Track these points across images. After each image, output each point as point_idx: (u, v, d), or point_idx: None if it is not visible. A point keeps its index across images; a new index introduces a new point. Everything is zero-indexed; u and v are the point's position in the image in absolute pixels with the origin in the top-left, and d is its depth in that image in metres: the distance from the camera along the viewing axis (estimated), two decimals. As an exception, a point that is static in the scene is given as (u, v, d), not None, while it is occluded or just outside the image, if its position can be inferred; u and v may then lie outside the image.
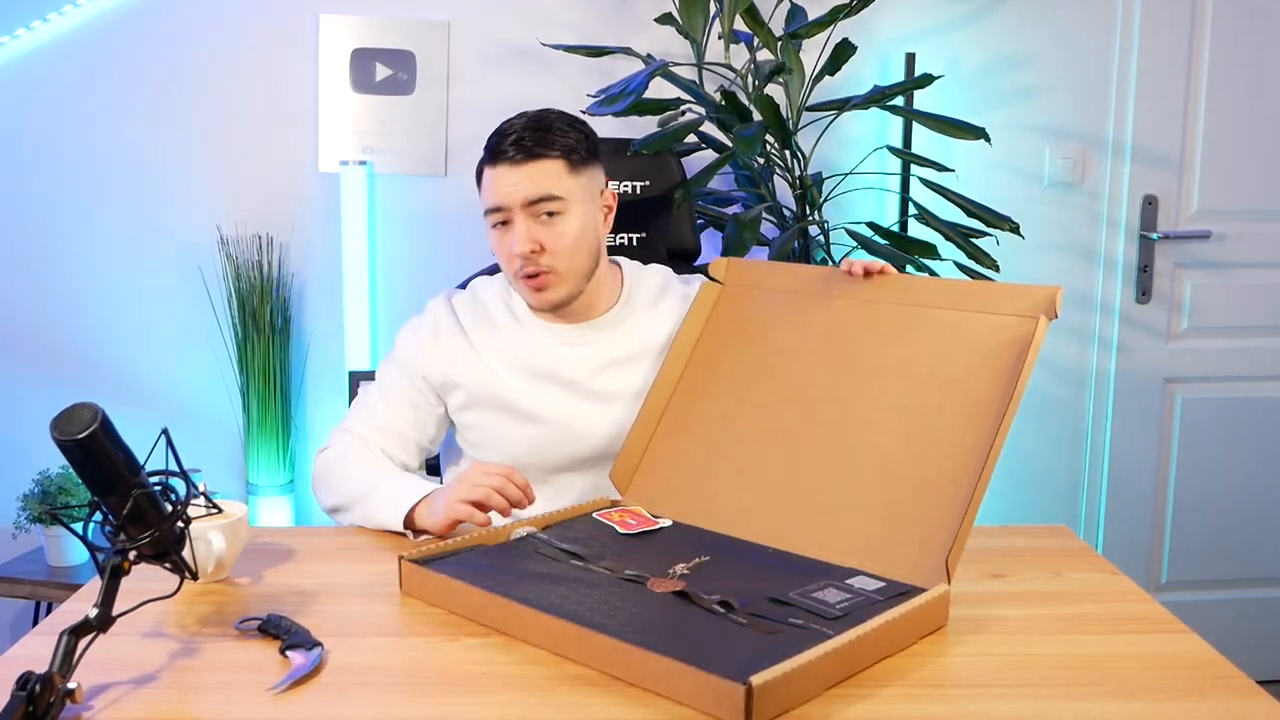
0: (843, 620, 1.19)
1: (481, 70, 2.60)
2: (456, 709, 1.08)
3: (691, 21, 2.28)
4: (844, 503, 1.42)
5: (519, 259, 1.64)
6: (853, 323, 1.55)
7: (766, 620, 1.19)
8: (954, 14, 2.67)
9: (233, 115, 2.58)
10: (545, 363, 1.70)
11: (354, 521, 1.62)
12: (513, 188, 1.63)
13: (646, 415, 1.63)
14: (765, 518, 1.46)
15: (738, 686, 1.02)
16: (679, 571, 1.34)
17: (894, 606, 1.21)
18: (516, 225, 1.63)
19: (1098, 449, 2.85)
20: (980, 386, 1.40)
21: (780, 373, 1.56)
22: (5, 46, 2.51)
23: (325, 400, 2.67)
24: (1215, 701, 1.10)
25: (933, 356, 1.46)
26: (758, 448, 1.52)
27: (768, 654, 1.09)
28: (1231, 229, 2.78)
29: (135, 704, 1.08)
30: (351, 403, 1.80)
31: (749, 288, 1.67)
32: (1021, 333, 1.40)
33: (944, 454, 1.38)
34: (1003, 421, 1.34)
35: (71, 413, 1.07)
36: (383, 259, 2.64)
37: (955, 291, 1.50)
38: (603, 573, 1.33)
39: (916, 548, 1.33)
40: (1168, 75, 2.71)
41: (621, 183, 2.18)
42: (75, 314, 2.62)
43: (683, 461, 1.58)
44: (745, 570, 1.35)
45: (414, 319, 1.77)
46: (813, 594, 1.26)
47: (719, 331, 1.65)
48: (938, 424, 1.41)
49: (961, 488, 1.34)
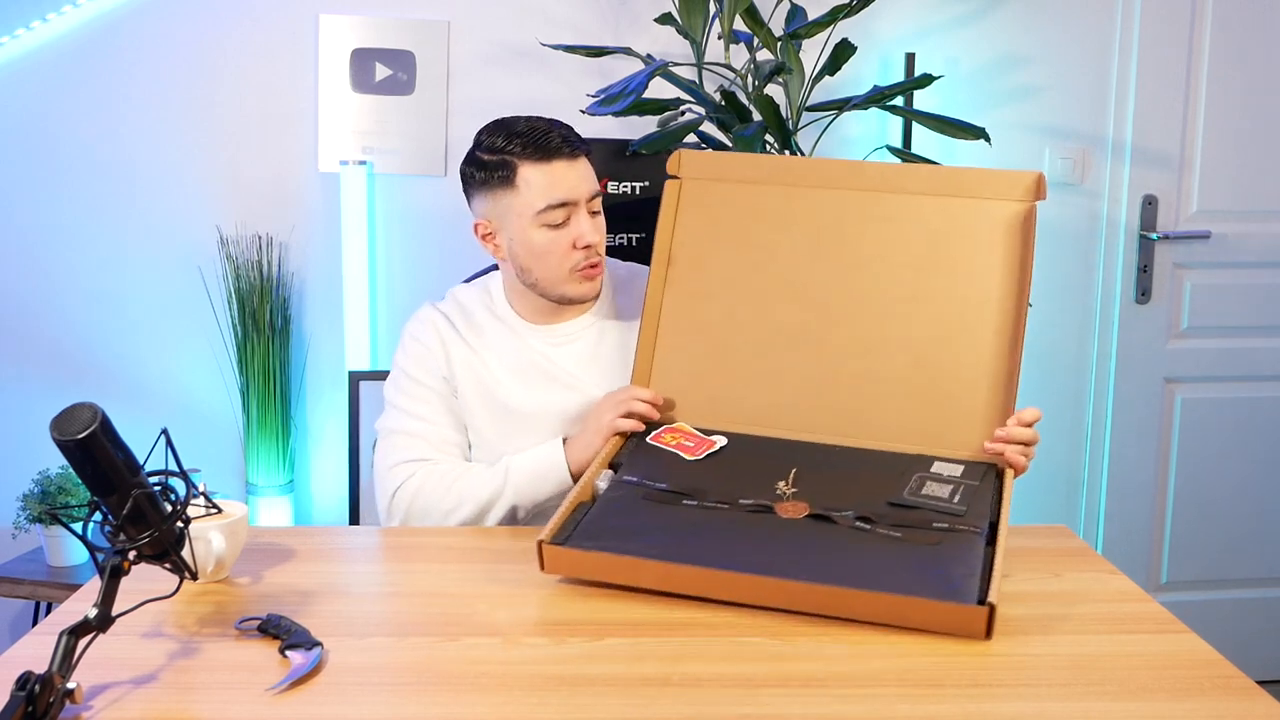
0: (969, 513, 1.34)
1: (481, 70, 2.60)
2: (456, 709, 1.08)
3: (691, 21, 2.28)
4: (884, 393, 1.49)
5: (584, 251, 1.66)
6: (838, 212, 1.57)
7: (915, 529, 1.32)
8: (954, 14, 2.67)
9: (233, 115, 2.58)
10: (538, 362, 1.72)
11: (497, 520, 1.62)
12: (578, 181, 1.65)
13: (646, 325, 1.62)
14: (806, 416, 1.51)
15: (980, 610, 1.19)
16: (787, 492, 1.39)
17: (992, 480, 1.40)
18: (582, 218, 1.65)
19: (1098, 449, 2.85)
20: (986, 273, 1.49)
21: (774, 268, 1.58)
22: (5, 46, 2.51)
23: (325, 400, 2.67)
24: (1215, 701, 1.10)
25: (929, 244, 1.52)
26: (776, 346, 1.55)
27: (960, 566, 1.25)
28: (1231, 229, 2.78)
29: (135, 704, 1.08)
30: (378, 448, 1.72)
31: (712, 181, 1.65)
32: (1015, 217, 1.48)
33: (971, 339, 1.48)
34: (1020, 306, 1.44)
35: (71, 413, 1.07)
36: (383, 259, 2.64)
37: (933, 177, 1.55)
38: (721, 508, 1.38)
39: (967, 426, 1.45)
40: (1168, 75, 2.71)
41: (621, 183, 2.18)
42: (75, 314, 2.62)
43: (698, 368, 1.59)
44: (838, 477, 1.42)
45: (410, 334, 1.75)
46: (921, 492, 1.37)
47: (694, 230, 1.64)
48: (956, 311, 1.49)
49: (999, 366, 1.46)
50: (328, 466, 2.69)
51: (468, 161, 1.70)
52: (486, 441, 1.71)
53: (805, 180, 1.59)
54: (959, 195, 1.51)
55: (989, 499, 1.39)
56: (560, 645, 1.21)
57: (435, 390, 1.71)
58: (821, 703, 1.09)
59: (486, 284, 1.81)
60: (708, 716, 1.07)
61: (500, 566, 1.43)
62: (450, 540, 1.55)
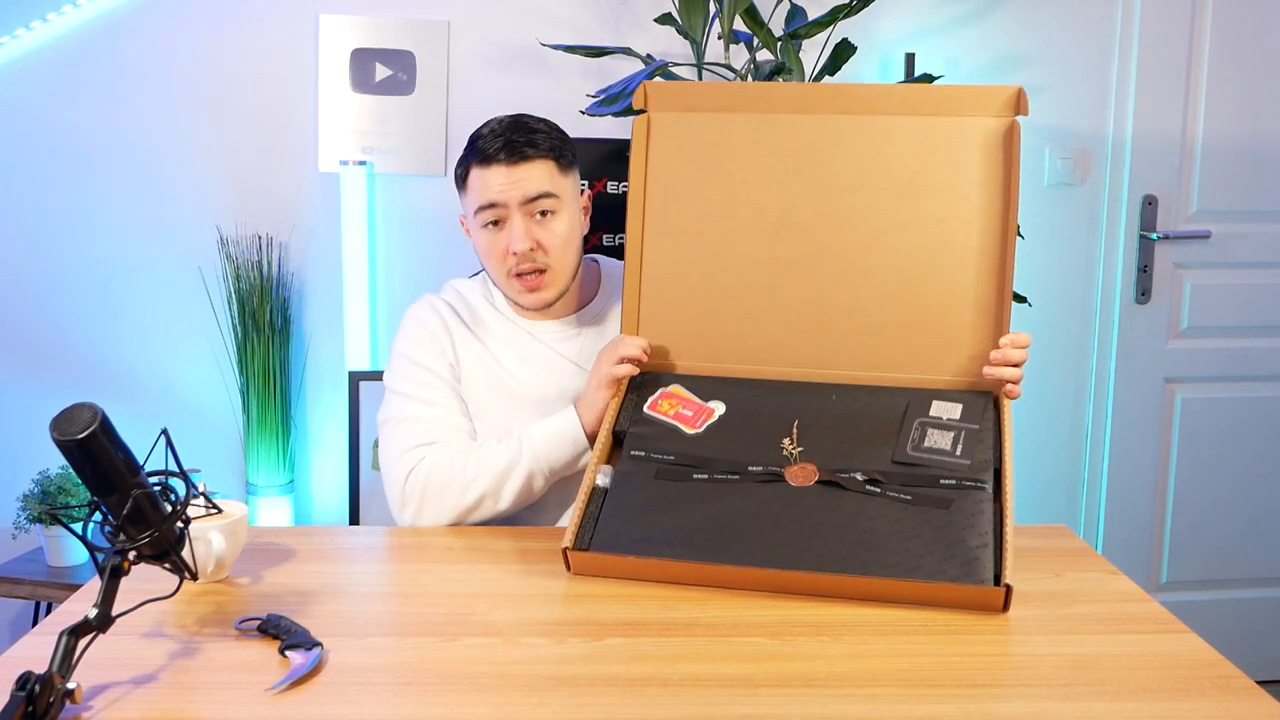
0: (973, 464, 1.37)
1: (481, 70, 2.60)
2: (456, 709, 1.08)
3: (691, 21, 2.28)
4: (875, 323, 1.50)
5: (515, 257, 1.64)
6: (816, 138, 1.54)
7: (923, 488, 1.35)
8: (954, 14, 2.67)
9: (233, 115, 2.58)
10: (543, 352, 1.73)
11: (514, 491, 1.60)
12: (510, 185, 1.63)
13: (629, 272, 1.60)
14: (800, 351, 1.52)
15: (998, 590, 1.24)
16: (793, 453, 1.41)
17: (991, 419, 1.41)
18: (514, 223, 1.64)
19: (1098, 449, 2.85)
20: (973, 192, 1.48)
21: (754, 200, 1.55)
22: (5, 46, 2.51)
23: (325, 400, 2.67)
24: (1215, 701, 1.10)
25: (911, 166, 1.51)
26: (762, 281, 1.54)
27: (974, 535, 1.29)
28: (1231, 229, 2.78)
29: (135, 704, 1.08)
30: (383, 437, 1.68)
31: (682, 112, 1.60)
32: (997, 133, 1.47)
33: (959, 262, 1.48)
34: (1007, 225, 1.44)
35: (71, 413, 1.07)
36: (382, 259, 2.64)
37: (910, 96, 1.53)
38: (732, 479, 1.40)
39: (960, 350, 1.46)
40: (1168, 75, 2.71)
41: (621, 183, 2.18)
42: (75, 314, 2.62)
43: (686, 309, 1.58)
44: (839, 427, 1.44)
45: (414, 320, 1.75)
46: (923, 445, 1.39)
47: (668, 165, 1.59)
48: (943, 233, 1.49)
49: (989, 288, 1.46)
50: (328, 466, 2.69)
51: None
52: (491, 428, 1.70)
53: (780, 106, 1.56)
54: (938, 114, 1.49)
55: (990, 442, 1.41)
56: (560, 645, 1.21)
57: (441, 375, 1.70)
58: (821, 703, 1.08)
59: (485, 278, 1.81)
60: (708, 716, 1.07)
61: (500, 566, 1.43)
62: (450, 540, 1.55)
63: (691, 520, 1.37)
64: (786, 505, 1.37)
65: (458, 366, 1.72)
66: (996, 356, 1.47)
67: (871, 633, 1.23)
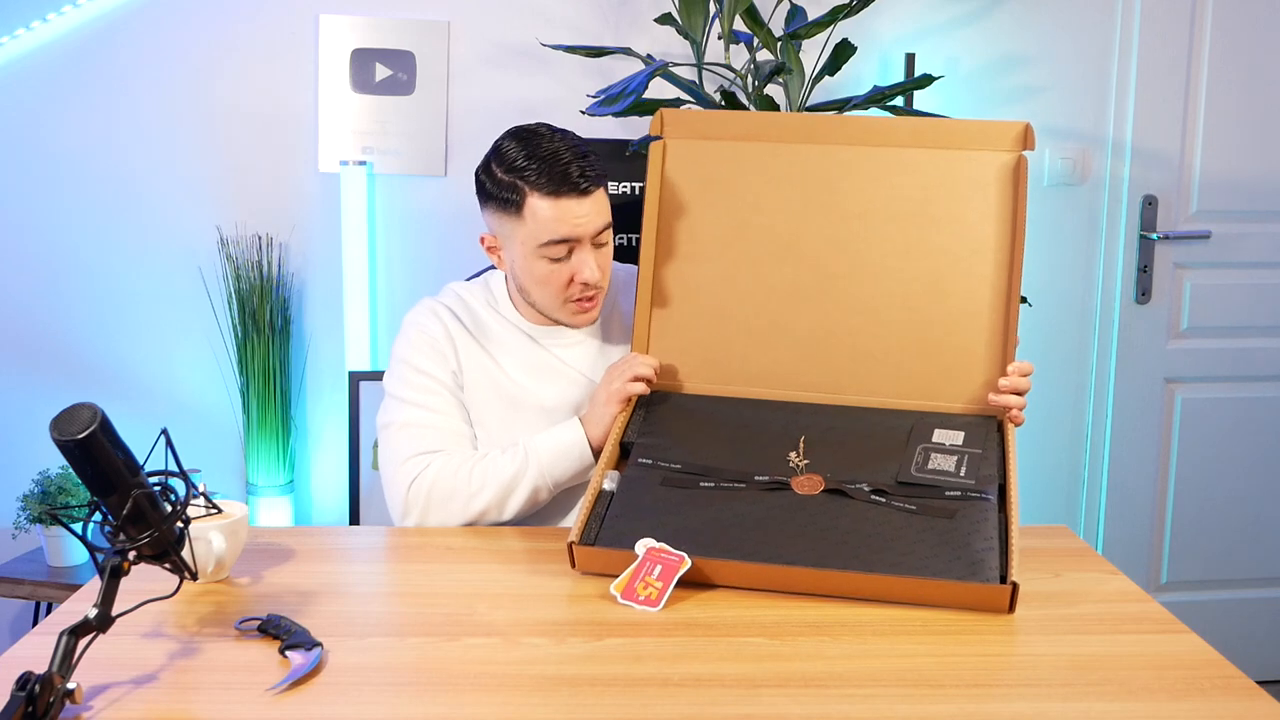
0: (978, 480, 1.38)
1: (481, 70, 2.60)
2: (456, 709, 1.08)
3: (691, 22, 2.28)
4: (882, 349, 1.51)
5: (581, 286, 1.64)
6: (826, 168, 1.58)
7: (928, 500, 1.36)
8: (954, 14, 2.67)
9: (233, 115, 2.58)
10: (547, 359, 1.72)
11: (519, 503, 1.60)
12: (585, 218, 1.60)
13: (640, 291, 1.63)
14: (806, 374, 1.54)
15: (1004, 588, 1.25)
16: (799, 464, 1.42)
17: (995, 443, 1.43)
18: (585, 254, 1.62)
19: (1098, 449, 2.85)
20: (979, 224, 1.51)
21: (765, 227, 1.59)
22: (5, 46, 2.51)
23: (325, 400, 2.67)
24: (1215, 701, 1.10)
25: (920, 197, 1.53)
26: (771, 306, 1.57)
27: (979, 539, 1.29)
28: (1231, 229, 2.78)
29: (135, 704, 1.08)
30: (384, 443, 1.67)
31: (696, 139, 1.64)
32: (1004, 167, 1.48)
33: (966, 290, 1.50)
34: (1014, 257, 1.46)
35: (71, 413, 1.07)
36: (382, 259, 2.64)
37: (919, 129, 1.56)
38: (738, 487, 1.41)
39: (966, 378, 1.48)
40: (1168, 75, 2.71)
41: (621, 183, 2.18)
42: (75, 314, 2.62)
43: (696, 331, 1.60)
44: (845, 445, 1.45)
45: (415, 324, 1.72)
46: (926, 467, 1.40)
47: (681, 190, 1.63)
48: (948, 264, 1.51)
49: (995, 318, 1.48)
50: (328, 466, 2.69)
51: (484, 168, 1.67)
52: (493, 437, 1.70)
53: (792, 136, 1.60)
54: (947, 147, 1.53)
55: (994, 461, 1.42)
56: (560, 645, 1.21)
57: (443, 382, 1.68)
58: (821, 703, 1.09)
59: (487, 282, 1.80)
60: (708, 716, 1.07)
61: (500, 566, 1.43)
62: (450, 540, 1.55)
63: (697, 521, 1.38)
64: (792, 511, 1.37)
65: (460, 373, 1.71)
66: (1005, 384, 1.48)
67: (872, 633, 1.24)
